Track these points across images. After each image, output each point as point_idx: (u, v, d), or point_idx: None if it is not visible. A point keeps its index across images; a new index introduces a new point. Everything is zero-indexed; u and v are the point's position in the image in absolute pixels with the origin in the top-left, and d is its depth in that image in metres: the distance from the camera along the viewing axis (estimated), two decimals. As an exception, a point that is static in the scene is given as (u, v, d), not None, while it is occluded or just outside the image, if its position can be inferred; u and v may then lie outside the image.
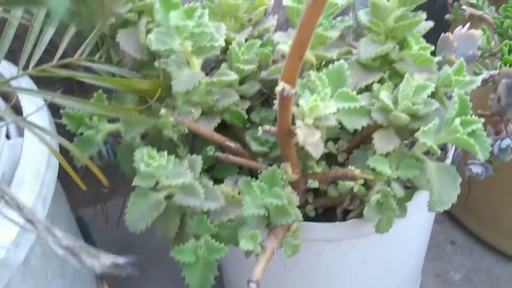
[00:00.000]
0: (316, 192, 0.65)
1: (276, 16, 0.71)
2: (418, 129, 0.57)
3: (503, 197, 0.99)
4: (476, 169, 0.73)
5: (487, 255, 1.08)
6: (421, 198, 0.62)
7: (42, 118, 0.58)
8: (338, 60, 0.56)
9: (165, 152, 0.52)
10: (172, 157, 0.53)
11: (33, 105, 0.60)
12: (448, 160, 0.67)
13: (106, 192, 1.14)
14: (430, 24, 0.60)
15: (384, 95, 0.54)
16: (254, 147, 0.62)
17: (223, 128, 0.65)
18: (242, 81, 0.66)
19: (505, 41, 0.75)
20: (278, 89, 0.40)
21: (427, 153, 0.59)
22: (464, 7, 0.83)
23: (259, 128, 0.53)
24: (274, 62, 0.65)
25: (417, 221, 0.70)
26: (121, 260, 0.36)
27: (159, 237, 0.57)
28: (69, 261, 0.36)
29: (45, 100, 0.59)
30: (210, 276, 0.54)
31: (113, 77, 0.59)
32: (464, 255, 1.09)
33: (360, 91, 0.59)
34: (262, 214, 0.54)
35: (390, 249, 0.69)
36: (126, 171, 0.63)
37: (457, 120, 0.52)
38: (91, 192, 1.04)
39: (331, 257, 0.66)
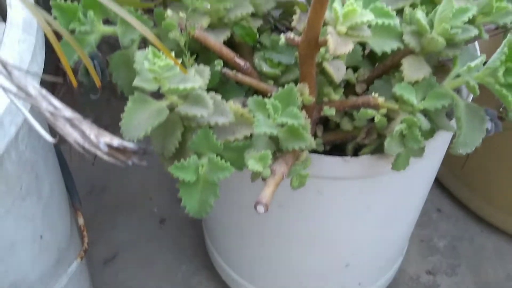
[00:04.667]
0: (325, 127, 0.60)
1: None
2: (450, 59, 0.52)
3: (498, 167, 0.96)
4: (486, 125, 0.69)
5: (472, 224, 1.06)
6: (438, 140, 0.58)
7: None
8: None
9: (172, 53, 0.46)
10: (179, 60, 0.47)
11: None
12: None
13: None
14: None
15: (420, 15, 0.49)
16: (265, 68, 0.57)
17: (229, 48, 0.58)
18: (256, -5, 0.59)
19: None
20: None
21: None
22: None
23: (281, 35, 0.47)
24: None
25: (426, 168, 0.66)
26: (129, 144, 0.30)
27: (155, 152, 0.51)
28: (66, 138, 0.30)
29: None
30: (211, 199, 0.49)
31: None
32: (449, 223, 1.07)
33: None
34: (275, 134, 0.48)
35: (396, 196, 0.65)
36: (119, 82, 0.56)
37: (502, 68, 0.47)
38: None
39: (335, 198, 0.61)
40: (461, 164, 1.01)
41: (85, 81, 0.64)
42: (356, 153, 0.59)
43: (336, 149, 0.62)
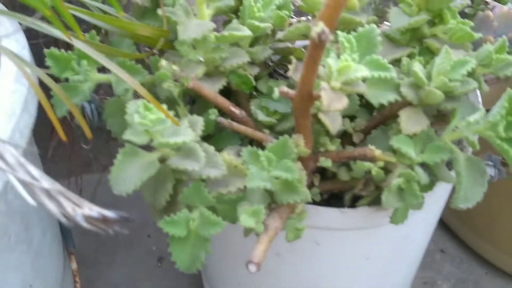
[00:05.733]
0: (322, 175, 0.59)
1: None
2: (449, 110, 0.51)
3: (503, 210, 0.94)
4: (489, 171, 0.68)
5: (477, 266, 1.04)
6: (438, 191, 0.56)
7: (23, 56, 0.50)
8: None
9: (164, 106, 0.45)
10: (172, 113, 0.46)
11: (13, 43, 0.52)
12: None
13: (81, 164, 1.06)
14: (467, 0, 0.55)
15: (418, 68, 0.48)
16: (261, 117, 0.56)
17: (224, 95, 0.58)
18: (252, 44, 0.59)
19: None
20: (316, 30, 0.34)
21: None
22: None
23: (275, 89, 0.46)
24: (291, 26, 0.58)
25: (426, 218, 0.64)
26: (109, 213, 0.29)
27: (146, 203, 0.49)
28: (43, 210, 0.29)
29: (20, 24, 0.50)
30: (201, 254, 0.47)
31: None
32: (453, 265, 1.04)
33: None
34: (269, 188, 0.47)
35: (395, 247, 0.63)
36: (113, 129, 0.56)
37: (503, 122, 0.46)
38: (65, 163, 0.95)
39: (332, 249, 0.60)
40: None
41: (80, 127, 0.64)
42: (354, 202, 0.58)
43: (334, 197, 0.60)
